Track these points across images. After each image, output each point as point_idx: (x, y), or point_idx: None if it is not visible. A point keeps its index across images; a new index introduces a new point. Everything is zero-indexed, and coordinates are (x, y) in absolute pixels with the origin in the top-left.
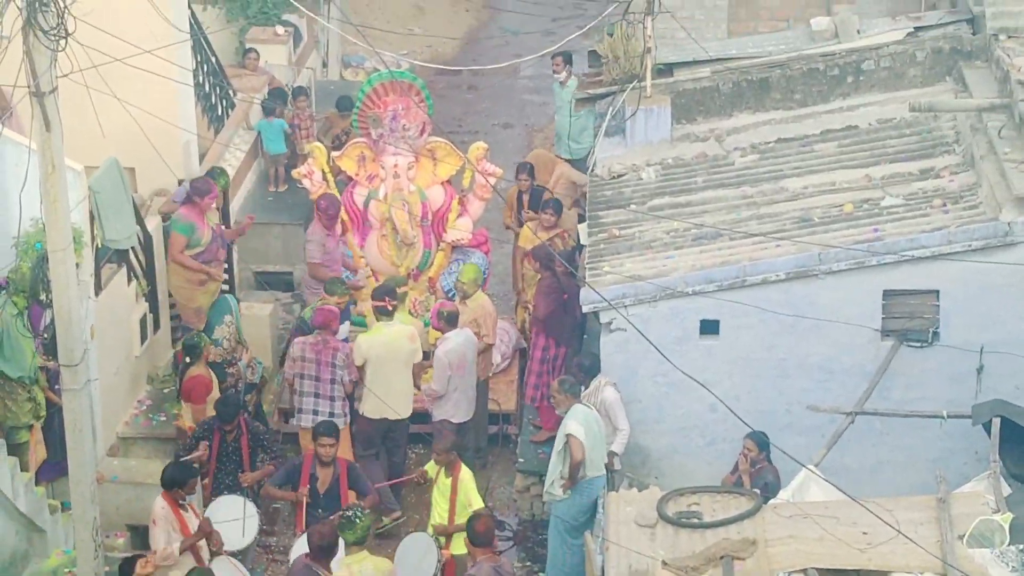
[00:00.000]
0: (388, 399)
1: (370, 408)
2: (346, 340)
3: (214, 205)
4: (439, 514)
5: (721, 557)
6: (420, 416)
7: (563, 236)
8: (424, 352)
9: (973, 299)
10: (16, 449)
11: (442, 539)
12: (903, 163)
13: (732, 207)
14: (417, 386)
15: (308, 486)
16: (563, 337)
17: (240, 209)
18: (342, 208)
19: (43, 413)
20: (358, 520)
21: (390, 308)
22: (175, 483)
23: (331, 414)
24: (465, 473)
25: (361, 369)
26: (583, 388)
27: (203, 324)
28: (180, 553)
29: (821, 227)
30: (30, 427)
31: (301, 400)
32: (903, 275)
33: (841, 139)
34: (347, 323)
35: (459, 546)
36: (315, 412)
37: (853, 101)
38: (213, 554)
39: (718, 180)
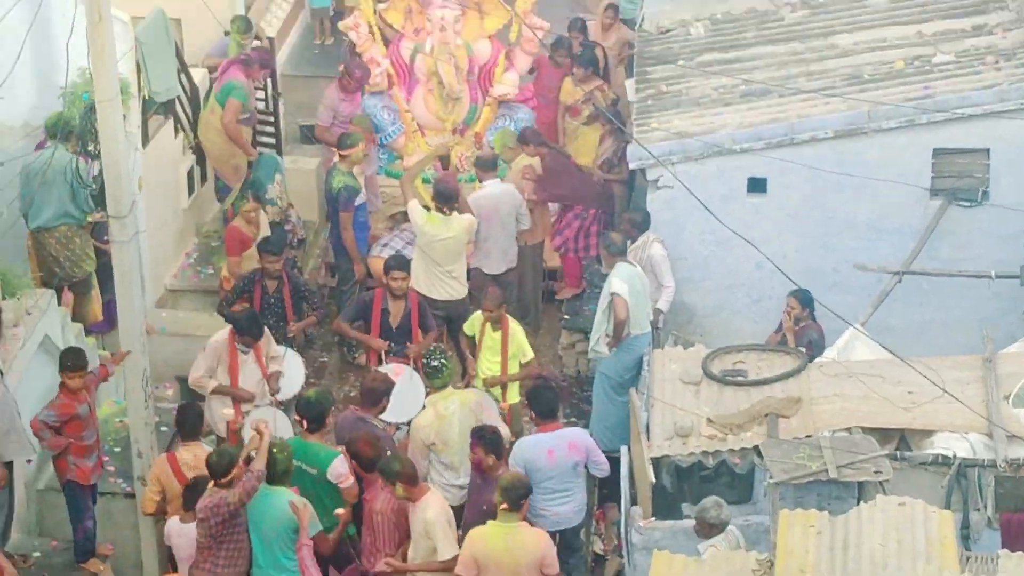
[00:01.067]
0: (441, 280)
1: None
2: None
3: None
4: (488, 368)
5: (766, 415)
6: None
7: (602, 89)
8: None
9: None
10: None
11: (498, 391)
12: (955, 19)
13: (782, 63)
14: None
15: (381, 325)
16: (588, 199)
17: (286, 62)
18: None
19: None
20: (445, 366)
21: (447, 213)
22: (236, 327)
23: (399, 250)
24: (514, 324)
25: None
26: (630, 243)
27: (240, 181)
28: (210, 391)
29: (871, 84)
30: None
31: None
32: (953, 133)
33: None
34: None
35: (514, 395)
36: (385, 244)
37: None
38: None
39: (768, 36)
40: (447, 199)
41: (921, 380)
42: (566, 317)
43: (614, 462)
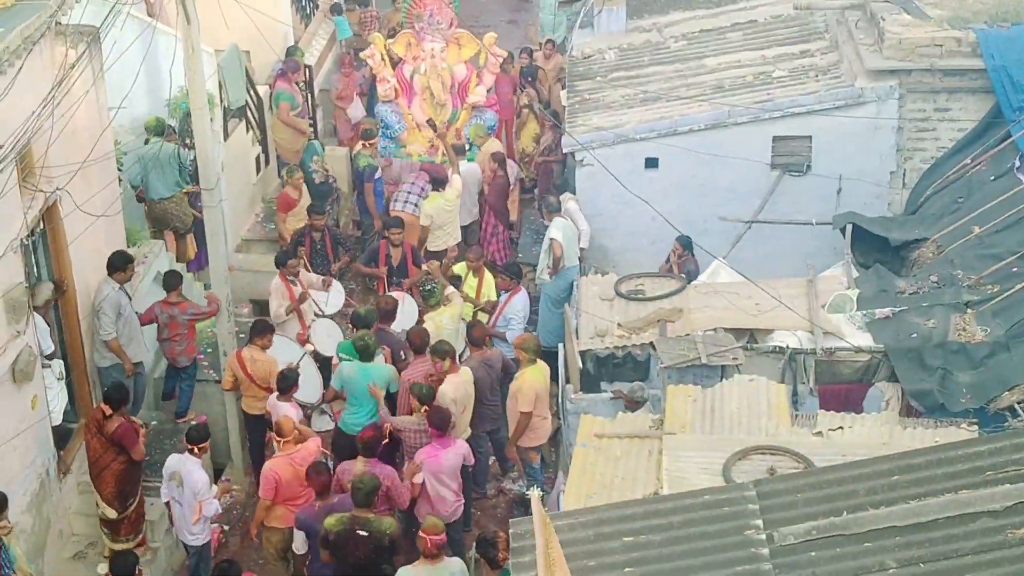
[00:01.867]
0: (439, 239)
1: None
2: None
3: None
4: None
5: (658, 321)
6: None
7: (531, 96)
8: None
9: (835, 142)
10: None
11: (468, 311)
12: (788, 46)
13: (668, 78)
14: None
15: (386, 264)
16: (503, 218)
17: (323, 79)
18: (395, 83)
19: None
20: (435, 290)
21: (440, 191)
22: (280, 263)
23: (405, 202)
24: (487, 275)
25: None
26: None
27: (298, 160)
28: (286, 313)
29: (730, 92)
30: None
31: (397, 194)
32: (787, 125)
33: (745, 29)
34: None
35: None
36: (395, 200)
37: (754, 2)
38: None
39: (658, 59)
40: (440, 182)
41: (764, 295)
42: (519, 255)
43: (553, 356)
